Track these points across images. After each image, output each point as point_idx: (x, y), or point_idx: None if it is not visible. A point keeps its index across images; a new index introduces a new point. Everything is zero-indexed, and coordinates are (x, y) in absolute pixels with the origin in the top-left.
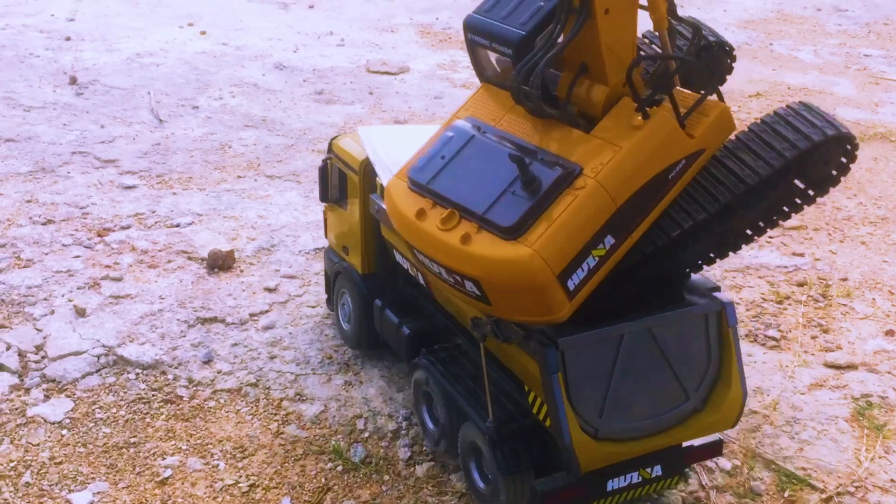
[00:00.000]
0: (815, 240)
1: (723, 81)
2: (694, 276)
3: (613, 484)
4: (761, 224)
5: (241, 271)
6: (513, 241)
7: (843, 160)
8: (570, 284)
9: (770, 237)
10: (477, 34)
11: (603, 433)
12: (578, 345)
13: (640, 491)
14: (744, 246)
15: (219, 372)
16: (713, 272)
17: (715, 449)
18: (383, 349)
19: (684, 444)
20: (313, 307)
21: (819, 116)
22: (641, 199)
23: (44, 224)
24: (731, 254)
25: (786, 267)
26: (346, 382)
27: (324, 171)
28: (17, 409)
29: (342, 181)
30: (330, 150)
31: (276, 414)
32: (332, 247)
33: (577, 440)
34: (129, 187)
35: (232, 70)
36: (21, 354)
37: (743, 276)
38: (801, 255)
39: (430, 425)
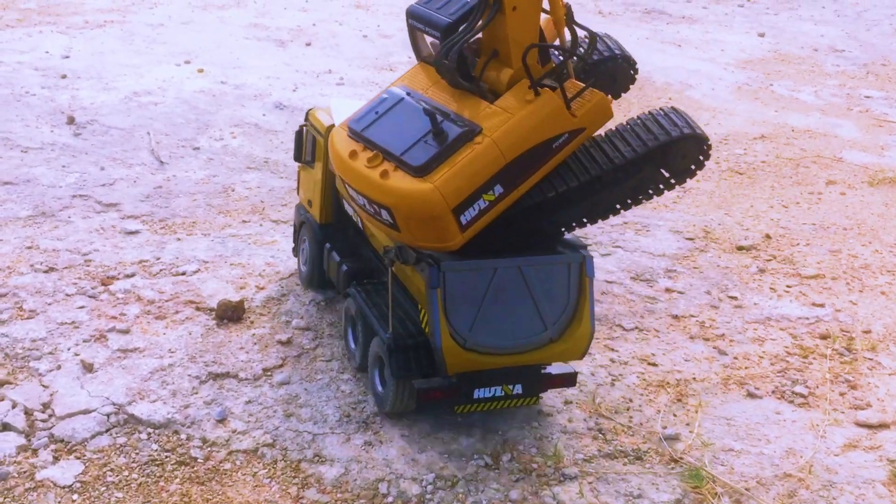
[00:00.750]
0: (833, 289)
1: (626, 89)
2: (568, 235)
3: (479, 393)
4: (628, 201)
5: (252, 322)
6: (420, 179)
7: (700, 157)
8: (463, 219)
9: (788, 286)
10: (416, 20)
11: (470, 344)
12: (457, 269)
13: (502, 404)
14: (611, 216)
15: (234, 431)
16: (735, 323)
17: (569, 379)
18: (329, 288)
19: (544, 371)
20: (328, 361)
21: (682, 119)
22: (528, 159)
23: (46, 272)
24: (599, 221)
25: (807, 318)
26: (365, 442)
27: (299, 136)
28: (25, 472)
29: (313, 145)
30: (306, 118)
31: (294, 477)
32: (301, 201)
33: (446, 345)
34: (131, 232)
35: (232, 110)
36: (28, 413)
37: (764, 328)
38: (822, 305)
39: (353, 345)
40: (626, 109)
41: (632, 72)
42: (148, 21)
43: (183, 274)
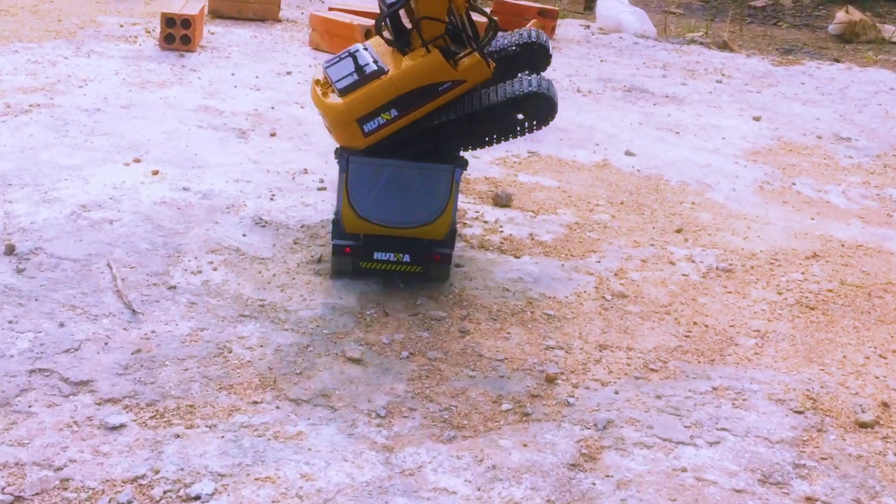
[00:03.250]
0: None
1: (543, 68)
2: (461, 154)
3: (378, 255)
4: (501, 136)
5: None
6: (341, 97)
7: (551, 110)
8: (365, 128)
9: None
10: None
11: (363, 215)
12: (360, 162)
13: (395, 267)
14: (490, 146)
15: None
16: None
17: (447, 257)
18: None
19: (431, 250)
20: None
21: (537, 81)
22: (417, 95)
23: None
24: (480, 149)
25: None
26: None
27: None
28: None
29: None
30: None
31: None
32: None
33: (344, 211)
34: (115, 428)
35: (204, 228)
36: None
37: None
38: None
39: None
40: (650, 219)
41: (545, 63)
42: (81, 104)
43: (197, 499)
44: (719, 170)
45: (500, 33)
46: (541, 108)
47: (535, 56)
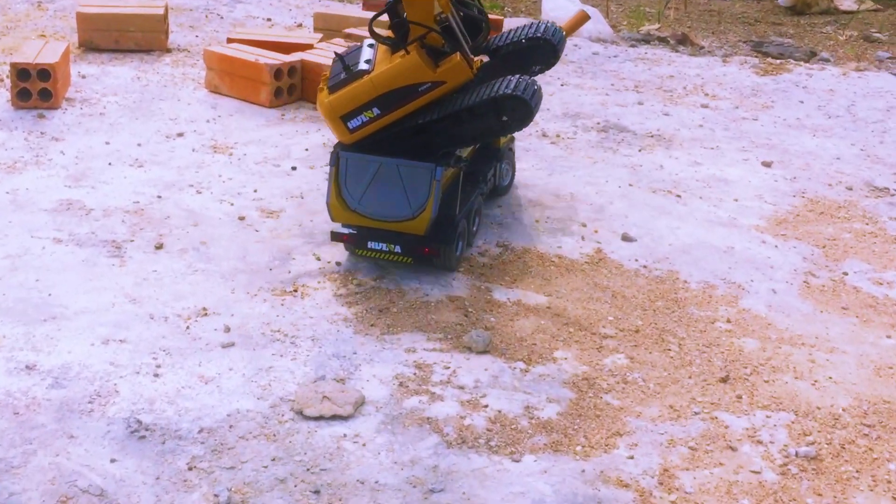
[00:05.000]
0: None
1: (549, 65)
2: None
3: (371, 244)
4: (482, 135)
5: None
6: (329, 95)
7: (527, 111)
8: (350, 125)
9: None
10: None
11: (353, 207)
12: (349, 158)
13: (387, 257)
14: (470, 147)
15: None
16: None
17: (435, 250)
18: None
19: (421, 243)
20: None
21: (515, 82)
22: (397, 95)
23: None
24: (467, 147)
25: None
26: None
27: None
28: None
29: None
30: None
31: None
32: None
33: (332, 201)
34: None
35: (52, 453)
36: None
37: None
38: None
39: None
40: (681, 359)
41: (554, 53)
42: None
43: None
44: (747, 257)
45: (513, 25)
46: (517, 111)
47: (542, 51)
